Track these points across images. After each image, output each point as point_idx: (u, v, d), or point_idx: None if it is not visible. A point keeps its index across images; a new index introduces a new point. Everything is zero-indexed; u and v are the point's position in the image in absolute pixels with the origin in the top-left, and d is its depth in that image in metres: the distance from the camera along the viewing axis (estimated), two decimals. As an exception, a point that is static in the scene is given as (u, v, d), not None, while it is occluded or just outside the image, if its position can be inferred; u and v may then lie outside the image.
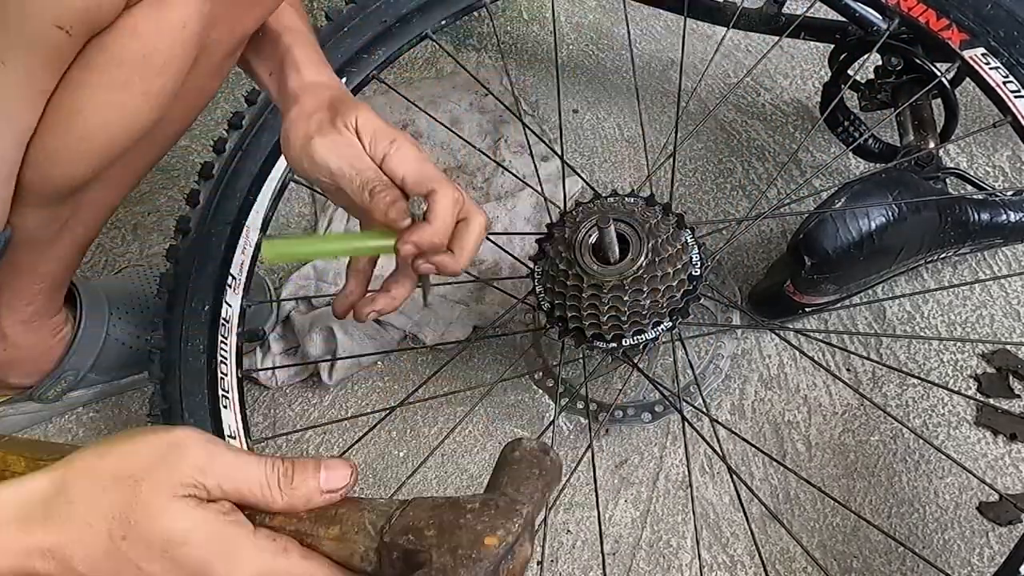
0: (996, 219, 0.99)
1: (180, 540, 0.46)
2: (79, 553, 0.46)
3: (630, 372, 1.02)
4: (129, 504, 0.46)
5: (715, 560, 0.93)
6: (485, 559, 0.46)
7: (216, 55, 0.74)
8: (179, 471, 0.47)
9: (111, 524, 0.46)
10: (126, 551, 0.46)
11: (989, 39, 0.87)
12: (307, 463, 0.51)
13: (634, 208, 0.82)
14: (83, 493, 0.47)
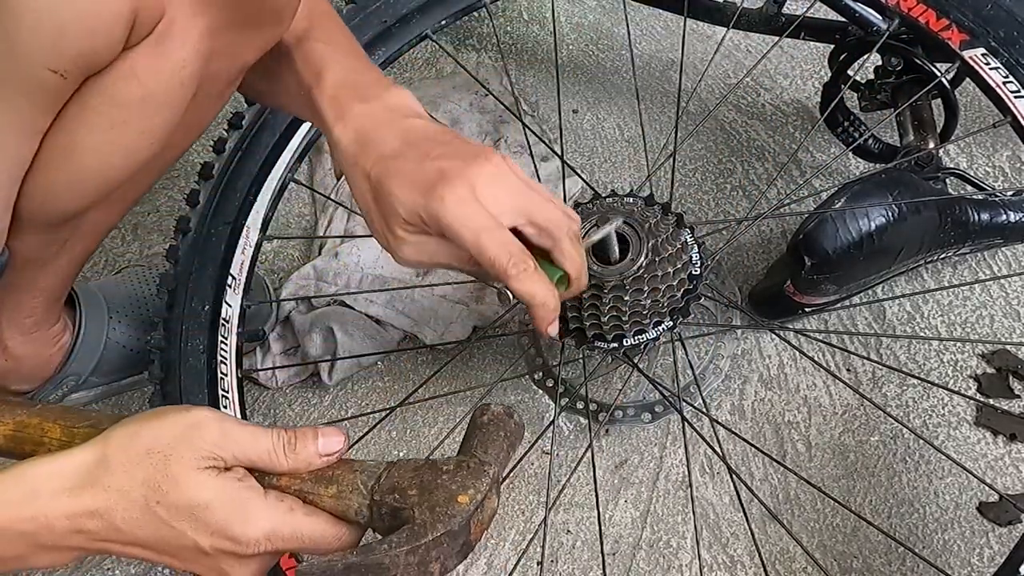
0: (996, 219, 0.99)
1: (204, 504, 0.55)
2: (120, 515, 0.55)
3: (630, 372, 1.02)
4: (160, 475, 0.55)
5: (715, 560, 0.93)
6: (458, 515, 0.55)
7: (216, 86, 0.73)
8: (199, 447, 0.56)
9: (146, 492, 0.55)
10: (159, 513, 0.55)
11: (989, 39, 0.87)
12: (306, 431, 0.59)
13: (634, 208, 0.82)
14: (121, 466, 0.56)
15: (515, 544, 0.96)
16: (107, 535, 0.56)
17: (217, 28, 0.68)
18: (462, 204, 0.63)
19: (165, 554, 0.57)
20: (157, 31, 0.64)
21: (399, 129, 0.68)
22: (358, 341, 1.06)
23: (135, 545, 0.56)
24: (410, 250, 0.67)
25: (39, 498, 0.55)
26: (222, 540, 0.56)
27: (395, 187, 0.65)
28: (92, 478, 0.56)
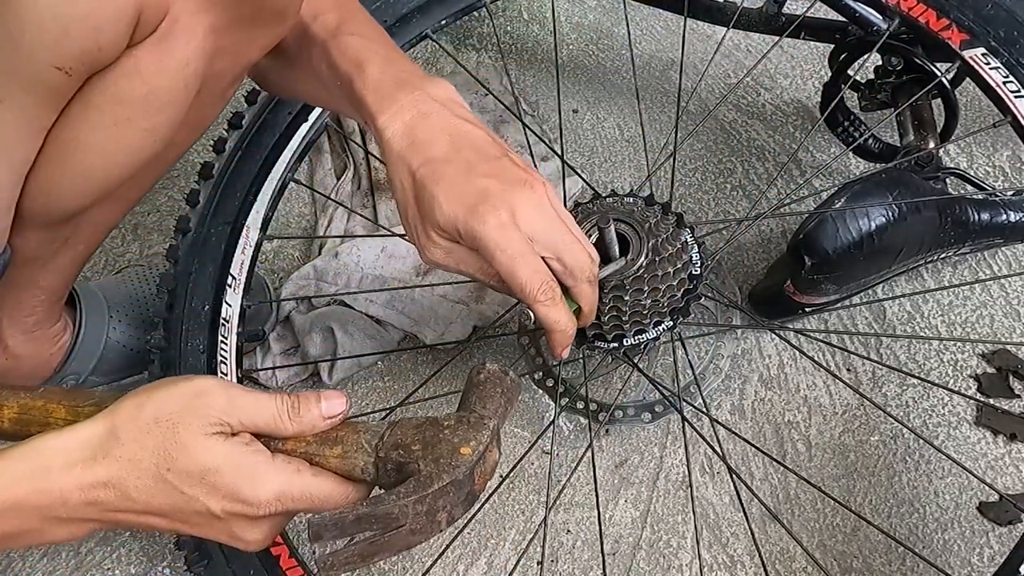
0: (996, 219, 0.99)
1: (214, 469, 0.56)
2: (132, 484, 0.56)
3: (630, 372, 1.02)
4: (169, 443, 0.56)
5: (715, 560, 0.93)
6: (462, 465, 0.57)
7: (220, 85, 0.74)
8: (207, 415, 0.57)
9: (157, 460, 0.56)
10: (171, 480, 0.56)
11: (989, 39, 0.87)
12: (309, 395, 0.61)
13: (634, 208, 0.82)
14: (130, 436, 0.57)
15: (515, 544, 0.96)
16: (120, 505, 0.57)
17: (221, 26, 0.68)
18: (502, 228, 0.65)
19: (178, 521, 0.58)
20: (161, 29, 0.65)
21: (449, 130, 0.68)
22: (358, 341, 1.06)
23: (148, 514, 0.57)
24: (439, 253, 0.69)
25: (51, 472, 0.56)
26: (233, 503, 0.57)
27: (439, 194, 0.66)
28: (103, 450, 0.57)
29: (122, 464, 0.56)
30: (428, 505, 0.55)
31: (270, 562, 0.83)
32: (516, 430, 1.02)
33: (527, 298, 0.66)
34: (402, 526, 0.55)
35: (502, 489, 0.98)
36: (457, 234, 0.66)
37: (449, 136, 0.68)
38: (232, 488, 0.57)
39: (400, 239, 1.09)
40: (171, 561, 0.96)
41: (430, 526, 0.56)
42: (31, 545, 0.60)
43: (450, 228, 0.66)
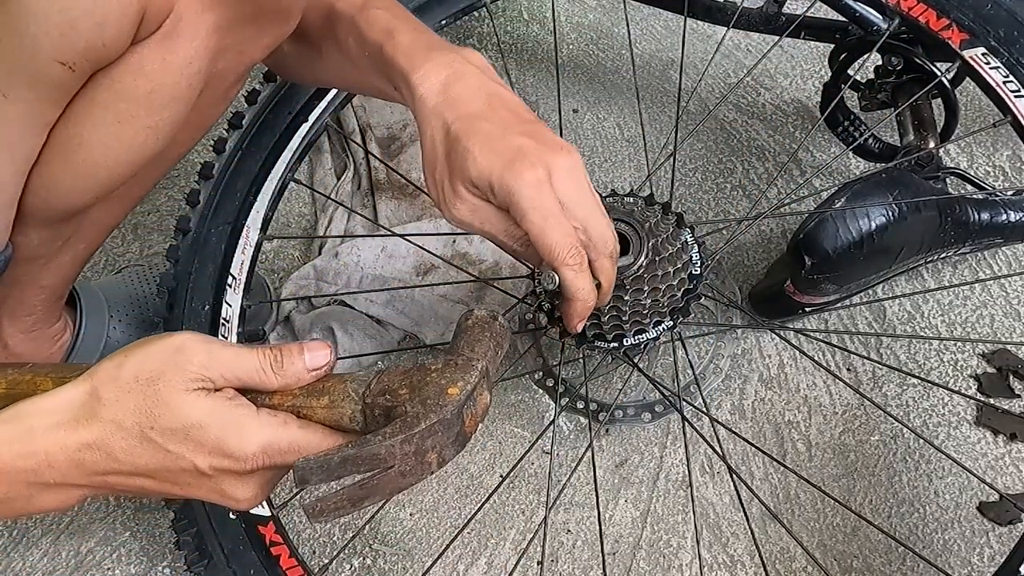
0: (996, 219, 0.99)
1: (197, 424, 0.55)
2: (117, 444, 0.55)
3: (630, 372, 1.02)
4: (151, 401, 0.55)
5: (715, 560, 0.93)
6: (449, 404, 0.55)
7: (223, 84, 0.74)
8: (187, 370, 0.56)
9: (139, 419, 0.55)
10: (154, 438, 0.55)
11: (989, 39, 0.87)
12: (292, 347, 0.59)
13: (634, 208, 0.82)
14: (111, 397, 0.56)
15: (515, 544, 0.96)
16: (107, 467, 0.56)
17: (225, 25, 0.68)
18: (537, 186, 0.63)
19: (167, 481, 0.57)
20: (165, 27, 0.65)
21: (484, 91, 0.67)
22: (358, 341, 1.06)
23: (136, 475, 0.56)
24: (465, 210, 0.66)
25: (35, 435, 0.55)
26: (219, 458, 0.55)
27: (474, 148, 0.64)
28: (86, 411, 0.56)
29: (105, 425, 0.55)
30: (416, 445, 0.54)
31: (270, 562, 0.83)
32: (516, 430, 1.02)
33: (555, 260, 0.64)
34: (391, 467, 0.53)
35: (502, 489, 0.98)
36: (489, 190, 0.64)
37: (486, 95, 0.66)
38: (217, 443, 0.55)
39: (400, 239, 1.09)
40: (171, 561, 0.96)
41: (420, 467, 0.55)
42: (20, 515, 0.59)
43: (483, 183, 0.64)
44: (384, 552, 0.96)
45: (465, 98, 0.66)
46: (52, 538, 0.99)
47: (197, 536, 0.85)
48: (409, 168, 1.19)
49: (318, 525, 0.56)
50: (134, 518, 0.99)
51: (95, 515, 1.00)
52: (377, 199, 1.18)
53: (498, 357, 0.62)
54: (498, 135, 0.64)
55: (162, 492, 0.58)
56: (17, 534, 0.99)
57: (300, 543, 0.97)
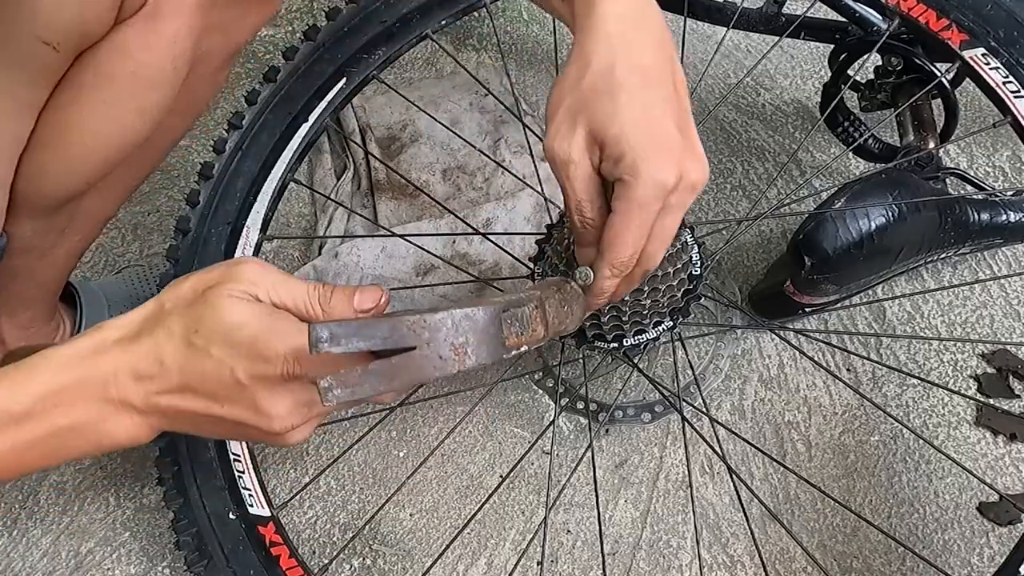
0: (996, 219, 0.99)
1: (237, 324, 0.55)
2: (167, 353, 0.56)
3: (630, 372, 1.02)
4: (199, 306, 0.56)
5: (715, 560, 0.93)
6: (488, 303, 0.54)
7: (210, 66, 0.74)
8: (236, 280, 0.57)
9: (186, 323, 0.56)
10: (197, 343, 0.56)
11: (989, 39, 0.87)
12: (345, 288, 0.59)
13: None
14: (170, 306, 0.58)
15: (515, 544, 0.96)
16: (160, 380, 0.56)
17: (208, 4, 0.68)
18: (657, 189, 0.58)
19: (210, 397, 0.57)
20: (148, 6, 0.65)
21: (663, 47, 0.61)
22: (358, 341, 1.06)
23: (183, 391, 0.57)
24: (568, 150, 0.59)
25: (106, 349, 0.57)
26: (253, 361, 0.55)
27: (628, 109, 0.57)
28: (148, 323, 0.58)
29: (159, 334, 0.56)
30: (446, 332, 0.52)
31: (270, 562, 0.83)
32: (516, 430, 1.03)
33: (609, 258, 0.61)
34: (413, 348, 0.51)
35: (502, 489, 0.98)
36: (614, 155, 0.58)
37: (663, 54, 0.60)
38: (250, 342, 0.55)
39: (400, 240, 1.09)
40: (171, 561, 0.96)
41: (446, 358, 0.52)
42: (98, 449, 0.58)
43: (615, 147, 0.58)
44: (384, 552, 0.96)
45: (641, 45, 0.59)
46: (52, 538, 0.99)
47: (197, 536, 0.85)
48: (409, 168, 1.19)
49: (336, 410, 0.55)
50: (134, 518, 0.99)
51: (95, 515, 1.00)
52: (377, 199, 1.18)
53: (562, 306, 0.61)
54: (657, 111, 0.58)
55: (209, 415, 0.57)
56: (17, 534, 0.99)
57: (300, 543, 0.97)
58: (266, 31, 1.37)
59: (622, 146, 0.57)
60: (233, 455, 0.87)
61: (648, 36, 0.60)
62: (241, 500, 0.86)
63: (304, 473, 1.01)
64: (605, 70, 0.58)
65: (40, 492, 1.01)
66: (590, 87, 0.59)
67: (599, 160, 0.60)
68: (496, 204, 1.15)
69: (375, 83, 1.00)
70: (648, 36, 0.60)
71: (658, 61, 0.59)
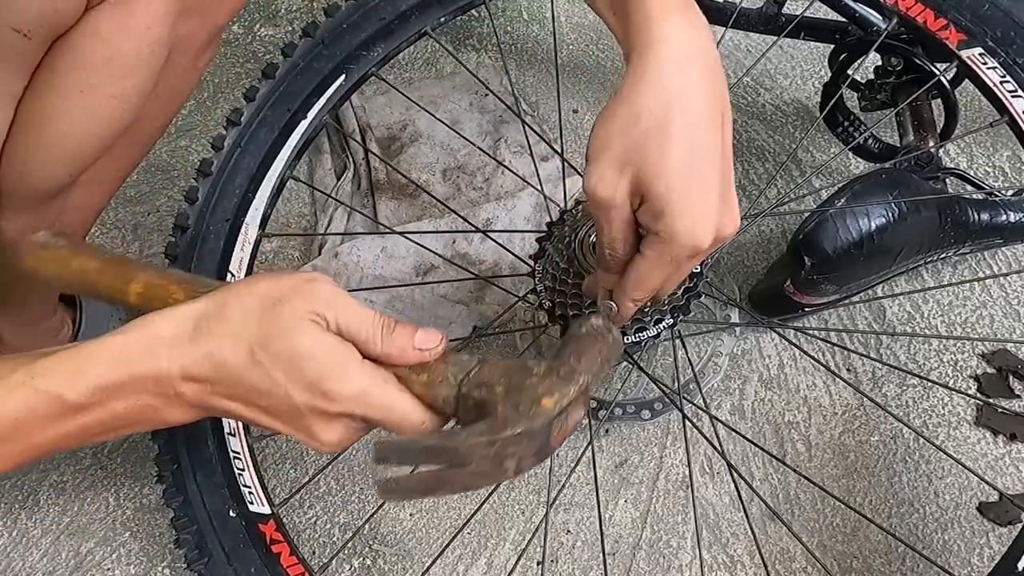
0: (996, 219, 0.99)
1: (305, 354, 0.55)
2: (228, 358, 0.56)
3: (630, 370, 1.02)
4: (268, 322, 0.56)
5: (715, 560, 0.93)
6: (540, 416, 0.54)
7: (189, 51, 0.74)
8: (310, 301, 0.57)
9: (254, 337, 0.56)
10: (261, 360, 0.56)
11: (987, 39, 0.87)
12: (409, 325, 0.59)
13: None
14: (236, 312, 0.57)
15: (515, 544, 0.96)
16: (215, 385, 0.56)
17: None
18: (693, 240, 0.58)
19: (261, 410, 0.57)
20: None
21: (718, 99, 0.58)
22: (358, 340, 1.06)
23: (235, 399, 0.57)
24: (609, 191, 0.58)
25: (162, 343, 0.56)
26: (315, 395, 0.56)
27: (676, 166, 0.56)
28: (208, 324, 0.57)
29: (223, 339, 0.56)
30: (497, 450, 0.53)
31: (270, 560, 0.83)
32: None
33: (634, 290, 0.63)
34: (467, 466, 0.53)
35: (502, 489, 0.98)
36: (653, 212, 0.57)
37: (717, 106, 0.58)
38: (317, 377, 0.55)
39: (400, 240, 1.09)
40: (171, 561, 0.96)
41: (495, 471, 0.53)
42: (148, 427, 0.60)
43: (657, 201, 0.56)
44: (384, 552, 0.96)
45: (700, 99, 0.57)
46: (52, 538, 0.98)
47: (197, 534, 0.85)
48: (409, 168, 1.19)
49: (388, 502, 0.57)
50: (134, 518, 0.99)
51: (95, 515, 1.00)
52: (377, 199, 1.18)
53: (602, 373, 0.62)
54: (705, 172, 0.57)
55: (255, 422, 0.58)
56: (17, 534, 0.99)
57: (300, 542, 0.97)
58: (266, 30, 1.37)
59: (664, 205, 0.56)
60: (233, 453, 0.87)
61: (707, 88, 0.57)
62: (241, 498, 0.85)
63: (304, 472, 1.01)
64: (660, 123, 0.56)
65: (40, 492, 1.01)
66: (641, 136, 0.56)
67: (638, 204, 0.59)
68: (496, 204, 1.15)
69: (375, 83, 1.00)
70: (707, 88, 0.57)
71: (713, 116, 0.57)
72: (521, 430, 0.53)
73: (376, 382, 0.57)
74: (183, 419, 0.59)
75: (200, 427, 0.87)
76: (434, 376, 0.59)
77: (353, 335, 0.58)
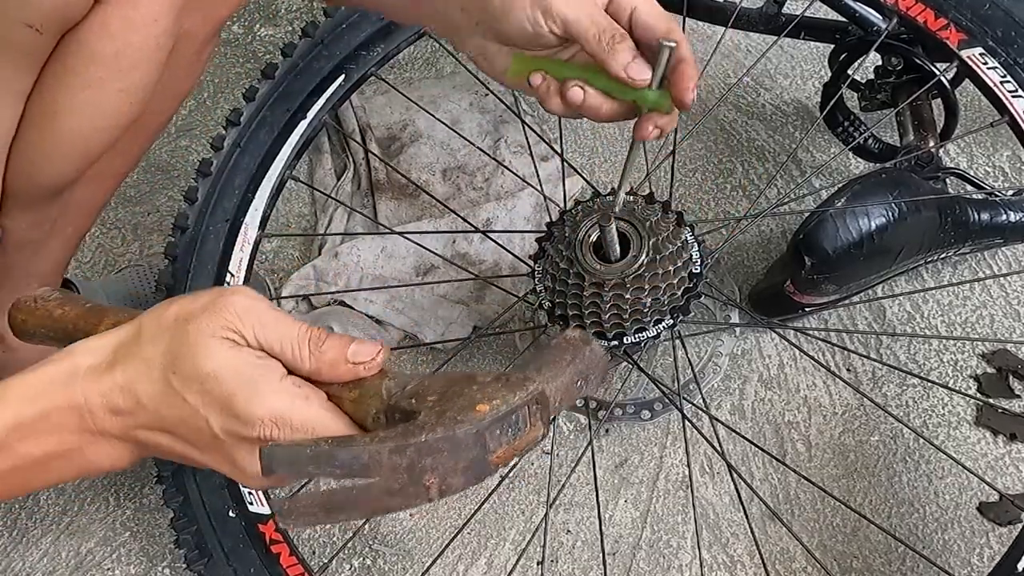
0: (996, 219, 0.99)
1: (211, 374, 0.51)
2: (143, 388, 0.52)
3: (630, 370, 1.02)
4: (178, 342, 0.52)
5: (715, 560, 0.93)
6: (467, 423, 0.46)
7: (192, 46, 0.74)
8: (221, 316, 0.52)
9: (164, 360, 0.52)
10: (174, 384, 0.52)
11: (987, 39, 0.87)
12: (343, 337, 0.54)
13: (634, 206, 0.82)
14: (149, 334, 0.53)
15: (515, 544, 0.96)
16: (136, 416, 0.53)
17: None
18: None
19: (187, 442, 0.53)
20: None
21: None
22: (358, 340, 1.06)
23: (162, 430, 0.53)
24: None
25: (77, 376, 0.53)
26: (229, 418, 0.51)
27: None
28: (124, 352, 0.53)
29: (136, 366, 0.52)
30: (410, 459, 0.45)
31: (270, 560, 0.83)
32: (516, 430, 1.02)
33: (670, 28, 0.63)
34: (373, 479, 0.45)
35: (502, 489, 0.98)
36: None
37: None
38: (227, 399, 0.51)
39: (400, 240, 1.09)
40: (171, 561, 0.96)
41: (413, 489, 0.45)
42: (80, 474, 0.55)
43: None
44: (384, 552, 0.96)
45: None
46: (52, 538, 0.98)
47: (197, 534, 0.85)
48: (409, 168, 1.19)
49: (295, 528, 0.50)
50: (134, 518, 0.99)
51: (95, 515, 1.00)
52: (377, 199, 1.18)
53: (574, 385, 0.53)
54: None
55: (185, 457, 0.54)
56: (17, 534, 0.99)
57: (300, 542, 0.97)
58: (266, 30, 1.37)
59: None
60: (232, 454, 0.87)
61: None
62: (241, 498, 0.86)
63: (304, 472, 1.01)
64: None
65: (40, 492, 1.01)
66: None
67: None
68: (496, 204, 1.15)
69: (375, 83, 1.00)
70: None
71: None
72: (440, 436, 0.45)
73: (293, 401, 0.51)
74: (114, 461, 0.55)
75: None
76: (365, 391, 0.52)
77: (276, 351, 0.53)
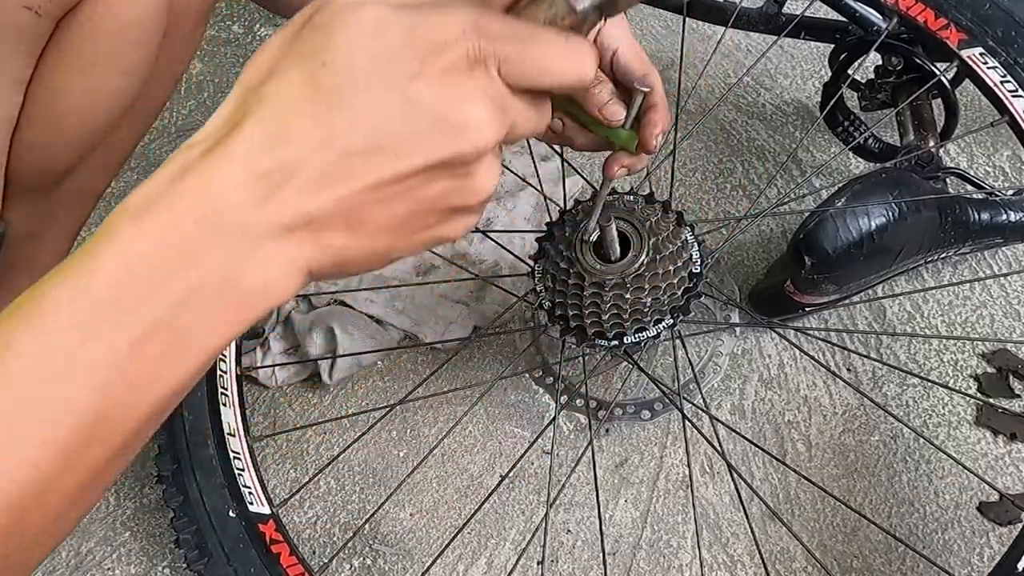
0: (996, 219, 0.99)
1: (379, 20, 0.37)
2: (293, 124, 0.37)
3: (630, 370, 1.02)
4: (311, 36, 0.38)
5: (715, 560, 0.93)
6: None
7: (187, 24, 0.74)
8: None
9: (305, 70, 0.38)
10: (327, 82, 0.37)
11: (987, 39, 0.87)
12: None
13: (634, 206, 0.82)
14: (269, 66, 0.39)
15: (515, 544, 0.96)
16: (294, 170, 0.37)
17: None
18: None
19: (376, 152, 0.37)
20: None
21: None
22: (358, 340, 1.06)
23: (335, 170, 0.37)
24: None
25: (194, 166, 0.37)
26: (424, 56, 0.37)
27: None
28: (242, 108, 0.38)
29: (267, 105, 0.37)
30: None
31: (270, 559, 0.83)
32: (516, 430, 1.02)
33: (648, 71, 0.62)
34: None
35: (502, 489, 0.98)
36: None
37: None
38: (410, 32, 0.37)
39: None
40: (171, 561, 0.96)
41: None
42: (236, 324, 0.40)
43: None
44: (384, 552, 0.96)
45: None
46: (51, 537, 0.98)
47: (197, 534, 0.85)
48: (409, 168, 1.19)
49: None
50: (134, 518, 0.99)
51: (95, 515, 1.00)
52: (377, 199, 1.18)
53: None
54: None
55: (378, 184, 0.38)
56: (16, 533, 0.99)
57: (300, 543, 0.97)
58: (266, 30, 1.37)
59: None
60: (233, 453, 0.87)
61: None
62: (241, 498, 0.86)
63: (304, 472, 1.01)
64: None
65: (39, 491, 1.01)
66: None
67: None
68: (496, 204, 1.15)
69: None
70: None
71: None
72: None
73: (481, 8, 0.39)
74: (277, 274, 0.39)
75: (200, 427, 0.87)
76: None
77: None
